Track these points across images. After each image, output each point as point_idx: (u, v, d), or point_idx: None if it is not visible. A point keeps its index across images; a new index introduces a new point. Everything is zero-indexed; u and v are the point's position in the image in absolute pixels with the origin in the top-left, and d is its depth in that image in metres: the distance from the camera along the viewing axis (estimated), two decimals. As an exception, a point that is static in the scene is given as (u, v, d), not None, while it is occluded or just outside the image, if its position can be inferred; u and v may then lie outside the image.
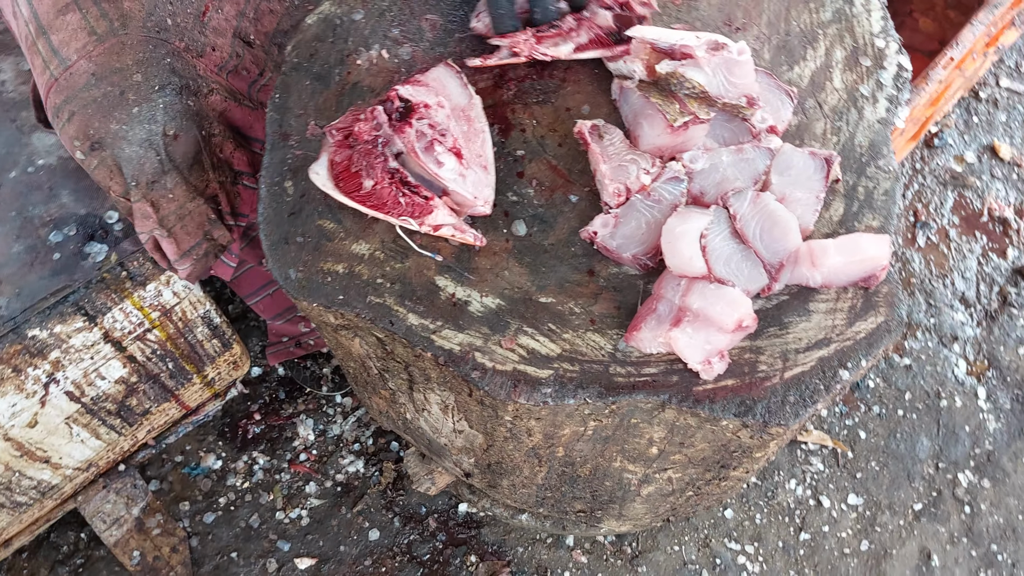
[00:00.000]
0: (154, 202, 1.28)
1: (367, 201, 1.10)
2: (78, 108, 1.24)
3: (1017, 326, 2.18)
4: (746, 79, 1.15)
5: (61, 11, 1.25)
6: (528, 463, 1.37)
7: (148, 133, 1.25)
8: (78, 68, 1.24)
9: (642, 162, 1.16)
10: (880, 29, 1.34)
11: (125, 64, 1.26)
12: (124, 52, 1.26)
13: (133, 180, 1.25)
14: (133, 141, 1.24)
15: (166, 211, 1.30)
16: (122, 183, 1.26)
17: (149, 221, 1.29)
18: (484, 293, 1.12)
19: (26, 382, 1.44)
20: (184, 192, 1.31)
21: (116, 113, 1.24)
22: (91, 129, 1.24)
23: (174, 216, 1.31)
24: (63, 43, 1.25)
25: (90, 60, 1.24)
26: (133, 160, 1.25)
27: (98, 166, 1.26)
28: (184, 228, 1.34)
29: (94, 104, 1.24)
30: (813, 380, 1.09)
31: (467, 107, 1.19)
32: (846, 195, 1.21)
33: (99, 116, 1.24)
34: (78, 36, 1.25)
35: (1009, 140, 2.46)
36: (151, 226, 1.30)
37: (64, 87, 1.24)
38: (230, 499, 1.90)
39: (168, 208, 1.30)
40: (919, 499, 1.96)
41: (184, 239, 1.35)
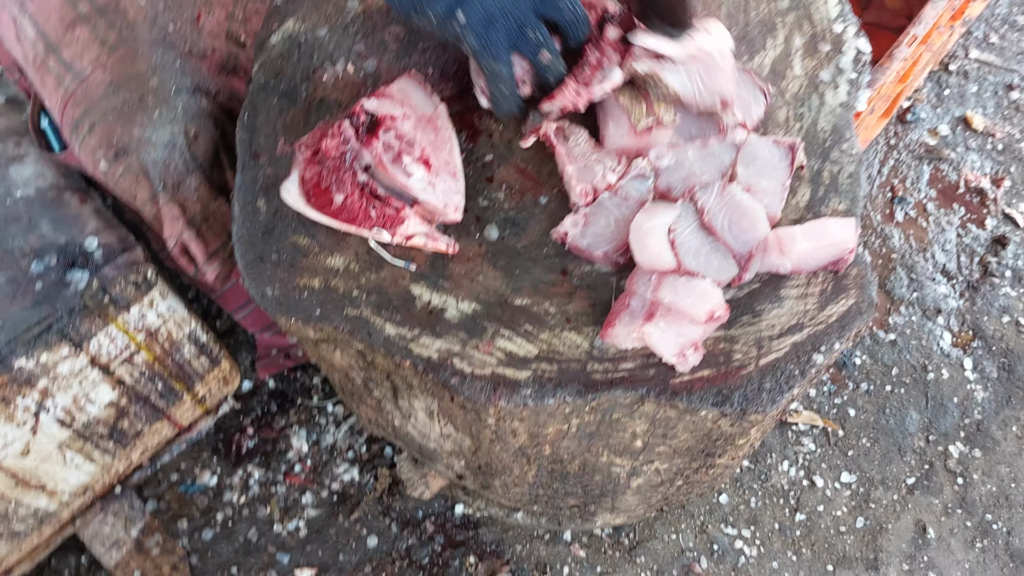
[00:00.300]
0: (181, 203, 1.30)
1: (339, 216, 1.11)
2: (98, 118, 1.25)
3: (999, 295, 2.20)
4: (724, 83, 1.15)
5: (69, 26, 1.26)
6: (517, 463, 1.39)
7: (171, 135, 1.27)
8: (94, 79, 1.26)
9: (608, 161, 1.17)
10: (837, 14, 1.36)
11: (140, 70, 1.27)
12: (137, 58, 1.28)
13: (161, 183, 1.27)
14: (158, 144, 1.26)
15: (192, 211, 1.32)
16: (148, 187, 1.28)
17: (179, 223, 1.31)
18: (460, 299, 1.13)
19: (16, 412, 1.45)
20: (207, 191, 1.33)
21: (138, 118, 1.26)
22: (115, 137, 1.26)
23: (200, 216, 1.33)
24: (75, 57, 1.26)
25: (105, 70, 1.26)
26: (159, 163, 1.26)
27: (123, 173, 1.27)
28: (210, 228, 1.35)
29: (114, 112, 1.25)
30: (788, 366, 1.11)
31: (433, 115, 1.20)
32: (811, 180, 1.22)
33: (121, 123, 1.25)
34: (90, 48, 1.26)
35: (981, 111, 2.48)
36: (180, 228, 1.31)
37: (82, 99, 1.26)
38: (227, 514, 1.92)
39: (194, 208, 1.32)
40: (911, 473, 1.98)
41: (212, 240, 1.36)
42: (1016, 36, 2.62)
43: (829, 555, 1.89)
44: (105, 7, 1.28)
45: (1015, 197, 2.34)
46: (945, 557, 1.89)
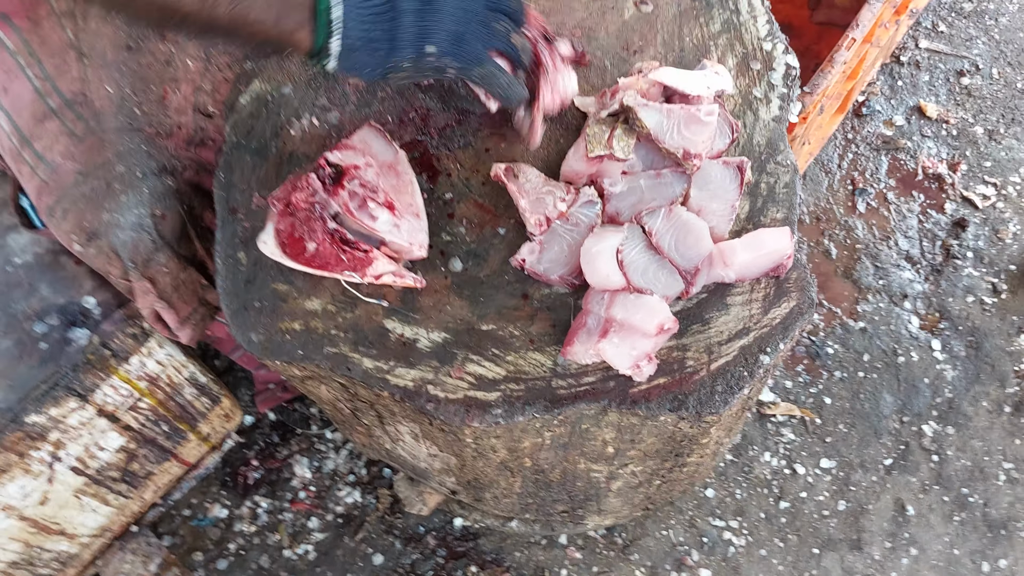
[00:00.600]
0: (151, 278, 1.39)
1: (312, 262, 1.20)
2: (70, 205, 1.35)
3: (963, 276, 2.29)
4: (699, 137, 1.23)
5: (40, 120, 1.36)
6: (502, 476, 1.48)
7: (138, 217, 1.36)
8: (64, 168, 1.35)
9: (557, 192, 1.26)
10: (767, 33, 1.45)
11: (106, 158, 1.37)
12: (104, 147, 1.37)
13: (131, 261, 1.36)
14: (125, 227, 1.35)
15: (163, 284, 1.41)
16: (120, 266, 1.37)
17: (150, 296, 1.40)
18: (430, 329, 1.23)
19: (32, 464, 1.55)
20: (176, 264, 1.42)
21: (106, 204, 1.35)
22: (85, 222, 1.35)
23: (170, 287, 1.42)
24: (47, 148, 1.36)
25: (74, 160, 1.36)
26: (128, 244, 1.36)
27: (96, 254, 1.37)
28: (181, 297, 1.44)
29: (84, 199, 1.35)
30: (737, 368, 1.20)
31: (394, 161, 1.29)
32: (750, 193, 1.32)
33: (91, 209, 1.35)
34: (59, 140, 1.36)
35: (935, 99, 2.57)
36: (152, 300, 1.40)
37: (54, 188, 1.36)
38: (239, 544, 2.01)
39: (164, 281, 1.41)
40: (888, 454, 2.07)
41: (182, 307, 1.45)
42: (964, 23, 2.71)
43: (814, 539, 1.98)
44: (73, 100, 1.38)
45: (972, 180, 2.44)
46: (925, 532, 1.97)
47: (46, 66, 1.38)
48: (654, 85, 1.28)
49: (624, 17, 1.48)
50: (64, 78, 1.38)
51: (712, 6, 1.48)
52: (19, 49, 1.38)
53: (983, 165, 2.46)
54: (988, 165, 2.46)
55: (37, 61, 1.37)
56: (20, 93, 1.38)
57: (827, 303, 2.27)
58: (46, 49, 1.38)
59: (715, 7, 1.48)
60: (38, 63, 1.37)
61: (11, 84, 1.38)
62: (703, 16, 1.47)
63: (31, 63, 1.37)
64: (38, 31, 1.39)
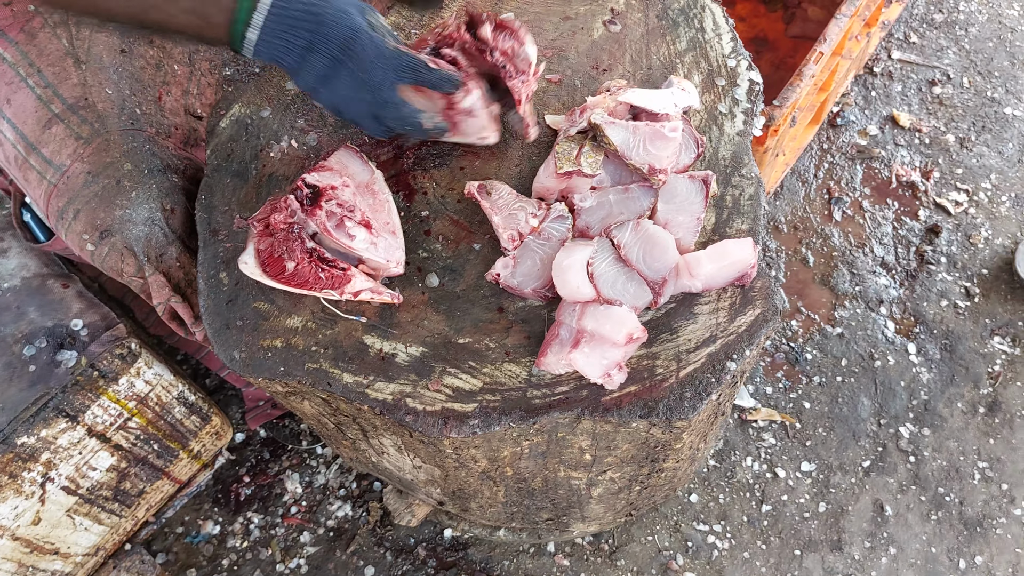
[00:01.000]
0: (165, 272, 1.43)
1: (292, 281, 1.24)
2: (82, 205, 1.40)
3: (936, 281, 2.33)
4: (664, 152, 1.29)
5: (45, 126, 1.41)
6: (485, 485, 1.51)
7: (149, 211, 1.41)
8: (74, 171, 1.40)
9: (529, 208, 1.31)
10: (731, 50, 1.50)
11: (114, 157, 1.42)
12: (110, 147, 1.42)
13: (145, 255, 1.41)
14: (138, 221, 1.40)
15: (176, 278, 1.45)
16: (134, 262, 1.41)
17: (165, 290, 1.44)
18: (408, 344, 1.27)
19: (23, 485, 1.58)
20: (188, 259, 1.46)
21: (118, 200, 1.40)
22: (98, 220, 1.40)
23: (184, 282, 1.46)
24: (54, 153, 1.41)
25: (83, 161, 1.40)
26: (141, 238, 1.40)
27: (109, 252, 1.41)
28: (195, 292, 1.48)
29: (96, 198, 1.40)
30: (705, 375, 1.24)
31: (370, 181, 1.34)
32: (716, 205, 1.36)
33: (103, 207, 1.39)
34: (66, 144, 1.41)
35: (907, 108, 2.63)
36: (167, 295, 1.44)
37: (64, 190, 1.40)
38: (232, 560, 2.04)
39: (178, 275, 1.45)
40: (866, 456, 2.11)
41: (197, 303, 1.49)
42: (935, 34, 2.77)
43: (796, 541, 2.02)
44: (75, 104, 1.43)
45: (944, 187, 2.49)
46: (903, 532, 2.01)
47: (46, 74, 1.43)
48: (620, 104, 1.33)
49: (593, 37, 1.52)
50: (65, 84, 1.43)
51: (678, 25, 1.53)
52: (18, 61, 1.43)
53: (955, 172, 2.51)
54: (960, 172, 2.51)
55: (37, 71, 1.43)
56: (23, 103, 1.43)
57: (805, 310, 2.32)
58: (44, 59, 1.43)
59: (681, 26, 1.53)
60: (38, 72, 1.43)
61: (14, 95, 1.43)
62: (670, 35, 1.52)
63: (31, 73, 1.43)
64: (35, 42, 1.44)
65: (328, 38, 1.22)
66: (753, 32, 2.64)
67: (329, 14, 1.22)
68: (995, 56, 2.73)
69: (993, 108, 2.62)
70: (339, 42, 1.22)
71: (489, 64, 1.29)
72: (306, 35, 1.21)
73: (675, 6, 1.55)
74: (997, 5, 2.84)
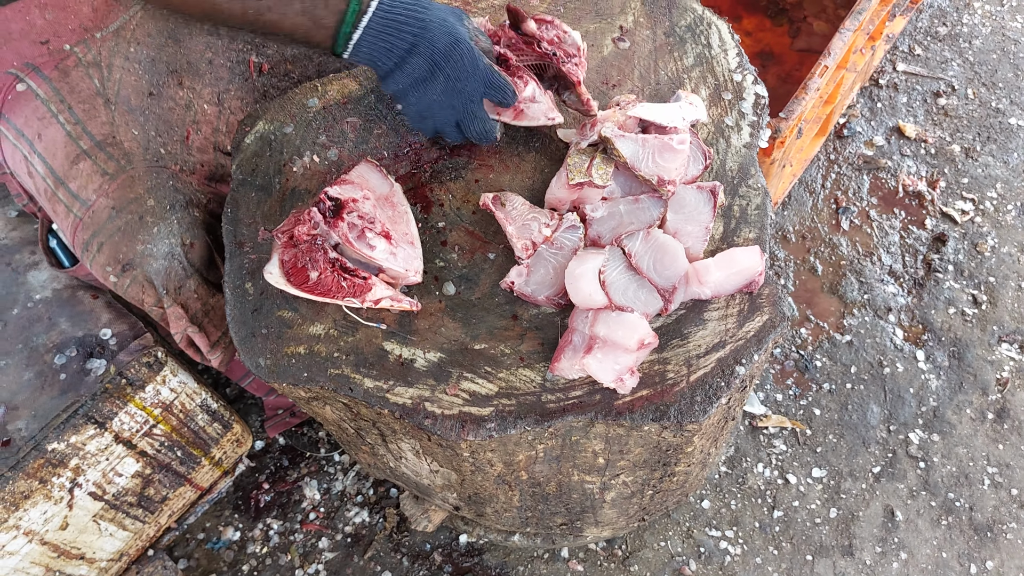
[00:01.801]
0: (184, 304, 1.48)
1: (315, 290, 1.29)
2: (106, 239, 1.45)
3: (944, 288, 2.37)
4: (672, 164, 1.33)
5: (73, 162, 1.47)
6: (500, 490, 1.55)
7: (170, 247, 1.46)
8: (99, 205, 1.45)
9: (542, 218, 1.35)
10: (737, 65, 1.54)
11: (138, 193, 1.47)
12: (135, 184, 1.47)
13: (164, 288, 1.46)
14: (158, 256, 1.45)
15: (194, 310, 1.50)
16: (154, 294, 1.47)
17: (182, 321, 1.49)
18: (426, 350, 1.31)
19: (52, 490, 1.63)
20: (206, 291, 1.51)
21: (140, 235, 1.45)
22: (120, 254, 1.45)
23: (201, 313, 1.51)
24: (81, 188, 1.46)
25: (108, 197, 1.46)
26: (161, 272, 1.45)
27: (131, 284, 1.47)
28: (211, 321, 1.53)
29: (119, 232, 1.45)
30: (715, 379, 1.28)
31: (390, 194, 1.38)
32: (724, 215, 1.40)
33: (126, 241, 1.45)
34: (93, 179, 1.46)
35: (913, 119, 2.67)
36: (184, 325, 1.49)
37: (89, 224, 1.46)
38: (252, 566, 2.08)
39: (195, 307, 1.50)
40: (876, 462, 2.14)
41: (212, 331, 1.54)
42: (939, 46, 2.81)
43: (807, 546, 2.04)
44: (103, 142, 1.48)
45: (951, 196, 2.52)
46: (914, 537, 2.04)
47: (76, 112, 1.48)
48: (630, 118, 1.38)
49: (603, 53, 1.57)
50: (94, 122, 1.49)
51: (685, 41, 1.58)
52: (50, 98, 1.49)
53: (961, 182, 2.55)
54: (966, 181, 2.55)
55: (68, 108, 1.48)
56: (54, 138, 1.48)
57: (814, 318, 2.35)
58: (75, 96, 1.49)
59: (688, 42, 1.57)
60: (68, 109, 1.48)
61: (45, 130, 1.49)
62: (677, 51, 1.57)
63: (62, 110, 1.48)
64: (67, 80, 1.49)
65: (432, 43, 1.28)
66: (759, 46, 2.68)
67: (433, 20, 1.29)
68: (999, 68, 2.77)
69: (998, 119, 2.66)
70: (442, 48, 1.28)
71: (539, 54, 1.39)
72: (410, 38, 1.28)
73: (682, 23, 1.60)
74: (1000, 18, 2.88)
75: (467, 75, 1.30)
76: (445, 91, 1.32)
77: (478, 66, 1.31)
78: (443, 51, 1.29)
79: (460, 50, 1.29)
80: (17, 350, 1.61)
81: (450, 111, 1.34)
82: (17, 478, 1.54)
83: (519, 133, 1.48)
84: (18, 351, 1.61)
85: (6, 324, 1.63)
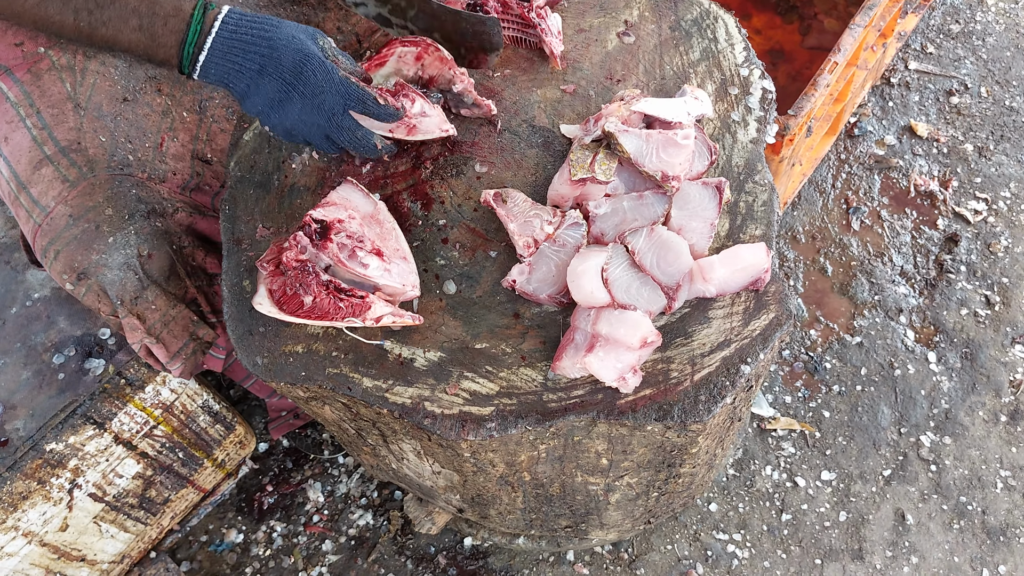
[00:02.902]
0: (139, 315, 1.46)
1: (312, 315, 1.25)
2: (62, 247, 1.42)
3: (956, 289, 2.33)
4: (676, 159, 1.31)
5: (36, 167, 1.45)
6: (503, 491, 1.53)
7: (125, 257, 1.43)
8: (57, 212, 1.43)
9: (544, 215, 1.33)
10: (744, 59, 1.52)
11: (96, 202, 1.44)
12: (94, 192, 1.45)
13: (118, 299, 1.44)
14: (113, 267, 1.43)
15: (151, 321, 1.48)
16: (109, 304, 1.45)
17: (138, 332, 1.47)
18: (426, 349, 1.29)
19: (52, 491, 1.61)
20: (165, 302, 1.49)
21: (95, 245, 1.43)
22: (75, 263, 1.42)
23: (159, 324, 1.49)
24: (41, 194, 1.44)
25: (66, 204, 1.43)
26: (115, 283, 1.43)
27: (86, 293, 1.44)
28: (170, 333, 1.51)
29: (75, 241, 1.42)
30: (719, 378, 1.25)
31: (374, 212, 1.36)
32: (730, 211, 1.38)
33: (81, 250, 1.42)
34: (53, 186, 1.44)
35: (925, 118, 2.63)
36: (140, 336, 1.47)
37: (47, 231, 1.43)
38: (255, 568, 2.07)
39: (153, 318, 1.48)
40: (887, 465, 2.11)
41: (172, 342, 1.52)
42: (952, 44, 2.78)
43: (816, 550, 2.01)
44: (67, 147, 1.46)
45: (963, 196, 2.49)
46: (925, 540, 2.00)
47: (44, 116, 1.46)
48: (634, 113, 1.36)
49: (607, 48, 1.55)
50: (61, 127, 1.47)
51: (691, 36, 1.55)
52: (20, 101, 1.47)
53: (974, 181, 2.51)
54: (979, 181, 2.51)
55: (36, 112, 1.46)
56: (19, 142, 1.46)
57: (824, 319, 2.32)
58: (45, 100, 1.47)
59: (694, 37, 1.55)
60: (36, 113, 1.46)
61: (12, 134, 1.47)
62: (683, 45, 1.54)
63: (30, 113, 1.46)
64: (39, 83, 1.48)
65: (280, 62, 1.27)
66: (769, 44, 2.66)
67: (281, 38, 1.28)
68: (1013, 65, 2.74)
69: (1011, 117, 2.62)
70: (291, 66, 1.28)
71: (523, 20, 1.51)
72: (258, 59, 1.27)
73: (688, 17, 1.57)
74: (1015, 15, 2.85)
75: (322, 90, 1.29)
76: (304, 109, 1.31)
77: (332, 79, 1.29)
78: (292, 69, 1.28)
79: (311, 66, 1.28)
80: (15, 349, 1.59)
81: (315, 128, 1.33)
82: (15, 478, 1.52)
83: (522, 129, 1.46)
84: (16, 350, 1.59)
85: (4, 323, 1.62)
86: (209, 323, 1.60)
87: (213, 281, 1.62)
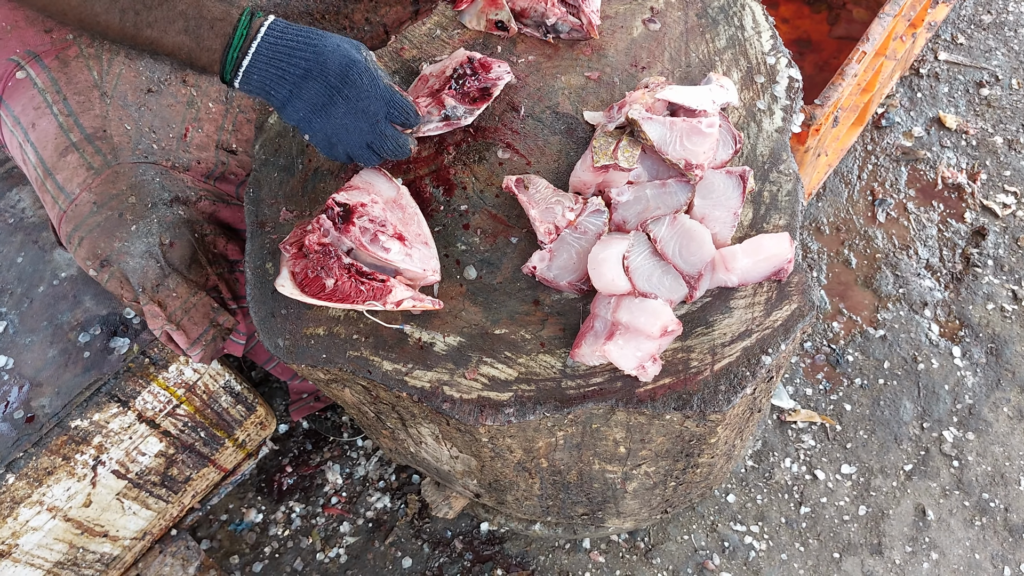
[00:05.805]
0: (160, 302, 1.47)
1: (333, 297, 1.26)
2: (85, 233, 1.44)
3: (983, 284, 2.30)
4: (700, 148, 1.30)
5: (62, 154, 1.46)
6: (521, 477, 1.53)
7: (147, 245, 1.45)
8: (81, 199, 1.44)
9: (566, 202, 1.33)
10: (770, 48, 1.50)
11: (120, 190, 1.46)
12: (118, 179, 1.46)
13: (139, 287, 1.45)
14: (135, 254, 1.44)
15: (172, 308, 1.49)
16: (131, 291, 1.46)
17: (159, 319, 1.48)
18: (446, 334, 1.29)
19: (76, 467, 1.64)
20: (186, 289, 1.50)
21: (118, 233, 1.44)
22: (98, 249, 1.44)
23: (180, 311, 1.50)
24: (67, 180, 1.46)
25: (90, 191, 1.45)
26: (137, 270, 1.44)
27: (109, 279, 1.46)
28: (191, 319, 1.52)
29: (98, 228, 1.44)
30: (740, 368, 1.25)
31: (397, 197, 1.36)
32: (753, 201, 1.37)
33: (104, 238, 1.44)
34: (78, 172, 1.46)
35: (954, 110, 2.60)
36: (161, 323, 1.49)
37: (72, 217, 1.45)
38: (274, 548, 2.09)
39: (174, 305, 1.49)
40: (908, 459, 2.09)
41: (192, 329, 1.53)
42: (983, 35, 2.74)
43: (835, 543, 2.00)
44: (93, 135, 1.47)
45: (992, 189, 2.45)
46: (946, 537, 1.99)
47: (71, 103, 1.47)
48: (658, 100, 1.35)
49: (632, 35, 1.54)
50: (87, 115, 1.48)
51: (718, 23, 1.54)
52: (47, 87, 1.48)
53: (1003, 174, 2.48)
54: (1008, 174, 2.48)
55: (63, 98, 1.47)
56: (46, 129, 1.48)
57: (847, 311, 2.31)
58: (72, 87, 1.48)
59: (720, 24, 1.54)
60: (63, 100, 1.47)
61: (39, 120, 1.48)
62: (709, 33, 1.53)
63: (57, 100, 1.47)
64: (66, 71, 1.49)
65: (326, 66, 1.27)
66: (797, 34, 2.63)
67: (327, 46, 1.28)
68: (1047, 58, 2.70)
69: (1043, 110, 2.59)
70: (337, 70, 1.27)
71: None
72: (303, 63, 1.27)
73: (715, 4, 1.56)
74: (1049, 6, 2.80)
75: (368, 95, 1.28)
76: (348, 113, 1.29)
77: (378, 85, 1.29)
78: (338, 73, 1.27)
79: (357, 70, 1.28)
80: (42, 327, 1.61)
81: (357, 134, 1.31)
82: (40, 454, 1.55)
83: (545, 116, 1.46)
84: (43, 328, 1.61)
85: (32, 301, 1.64)
86: (229, 310, 1.61)
87: (234, 268, 1.63)
